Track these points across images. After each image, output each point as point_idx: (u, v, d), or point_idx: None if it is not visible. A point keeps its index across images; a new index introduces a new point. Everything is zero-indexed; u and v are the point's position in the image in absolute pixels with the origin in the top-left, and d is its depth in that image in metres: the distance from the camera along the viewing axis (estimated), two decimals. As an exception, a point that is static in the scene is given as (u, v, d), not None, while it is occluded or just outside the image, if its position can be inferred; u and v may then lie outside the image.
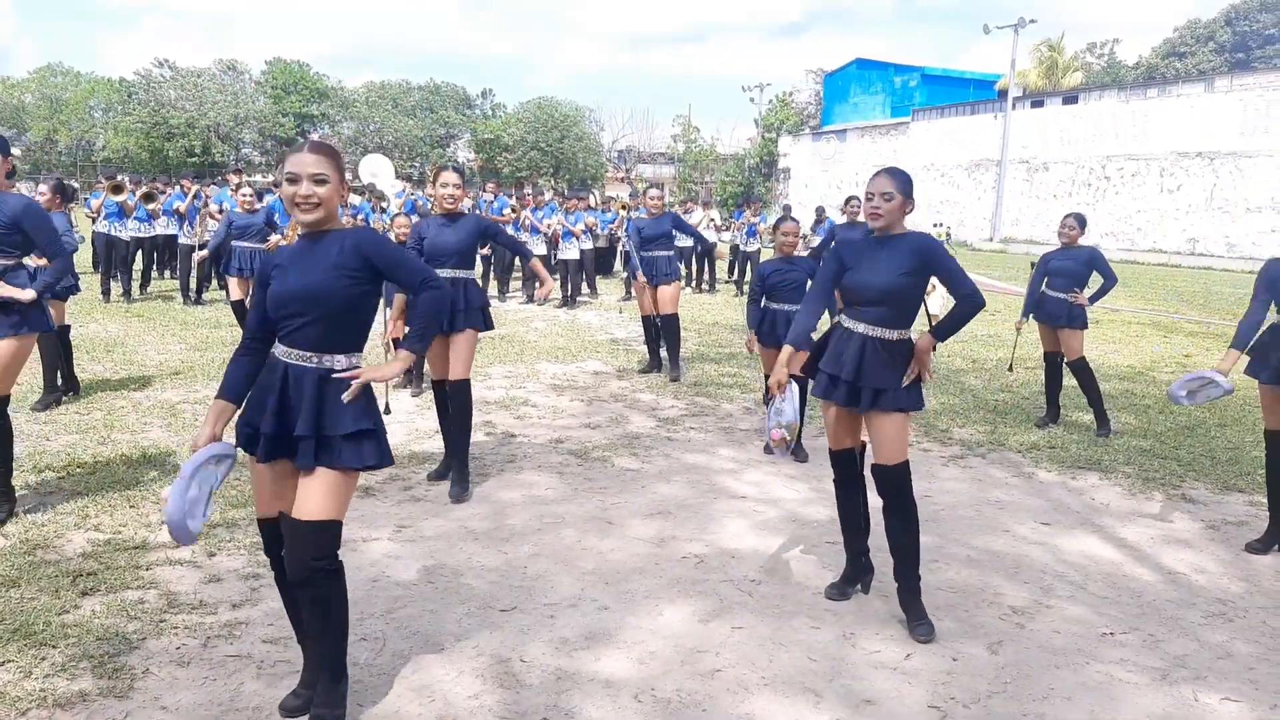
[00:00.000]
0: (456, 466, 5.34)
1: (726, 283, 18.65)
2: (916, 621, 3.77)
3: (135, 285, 13.87)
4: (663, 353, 9.32)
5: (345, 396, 2.88)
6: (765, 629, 3.79)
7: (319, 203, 2.88)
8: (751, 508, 5.31)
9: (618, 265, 19.76)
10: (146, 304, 13.17)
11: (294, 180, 2.86)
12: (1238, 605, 4.20)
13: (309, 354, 2.90)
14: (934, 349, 3.82)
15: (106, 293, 13.13)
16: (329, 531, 2.90)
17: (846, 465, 4.04)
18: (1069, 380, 7.57)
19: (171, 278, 15.71)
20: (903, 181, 3.78)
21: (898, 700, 3.27)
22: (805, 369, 4.04)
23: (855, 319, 3.81)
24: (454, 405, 5.36)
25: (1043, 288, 7.38)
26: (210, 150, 52.35)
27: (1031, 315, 7.46)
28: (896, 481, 3.79)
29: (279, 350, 2.93)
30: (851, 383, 3.75)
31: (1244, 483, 6.06)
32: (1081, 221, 7.43)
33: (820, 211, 19.73)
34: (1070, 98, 40.00)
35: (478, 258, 8.34)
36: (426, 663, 3.41)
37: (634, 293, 9.69)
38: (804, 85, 63.96)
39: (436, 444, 6.37)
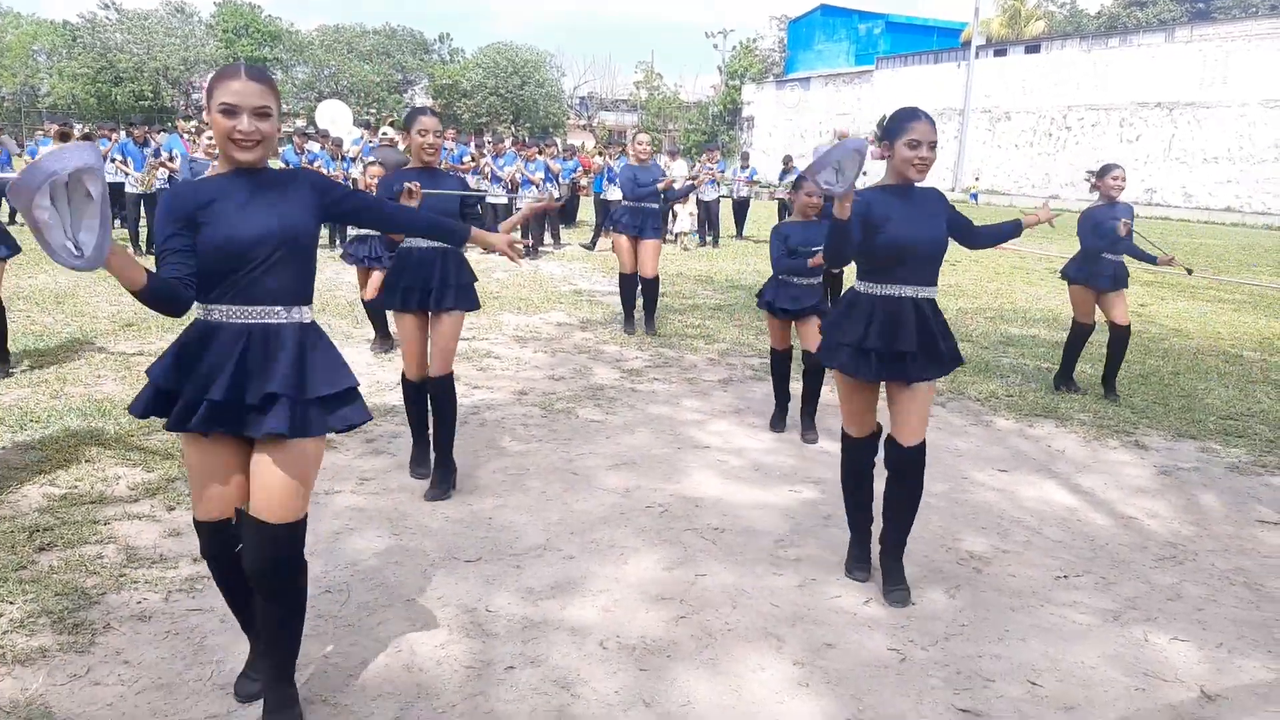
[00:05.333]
0: (440, 465, 4.63)
1: (691, 233, 18.57)
2: (896, 585, 3.67)
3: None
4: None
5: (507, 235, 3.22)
6: (728, 576, 3.83)
7: (261, 139, 2.47)
8: (716, 458, 5.35)
9: (581, 215, 19.60)
10: (98, 254, 12.86)
11: (231, 112, 2.42)
12: (1187, 548, 4.32)
13: (278, 307, 2.51)
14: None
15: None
16: (301, 526, 2.59)
17: (872, 449, 3.78)
18: (1021, 329, 7.64)
19: (121, 227, 15.35)
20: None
21: (858, 644, 3.34)
22: (820, 354, 3.71)
23: (902, 281, 3.49)
24: (437, 402, 4.61)
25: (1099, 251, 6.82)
26: (160, 95, 50.93)
27: (1089, 281, 6.88)
28: (924, 453, 3.62)
29: (228, 311, 2.49)
30: (912, 353, 3.47)
31: (1195, 429, 6.19)
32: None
33: (788, 160, 19.67)
34: (1032, 47, 40.06)
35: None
36: (392, 614, 3.42)
37: (613, 248, 8.98)
38: (768, 32, 63.52)
39: (398, 395, 6.32)
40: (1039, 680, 3.14)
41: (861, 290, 3.57)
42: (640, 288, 8.73)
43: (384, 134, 13.26)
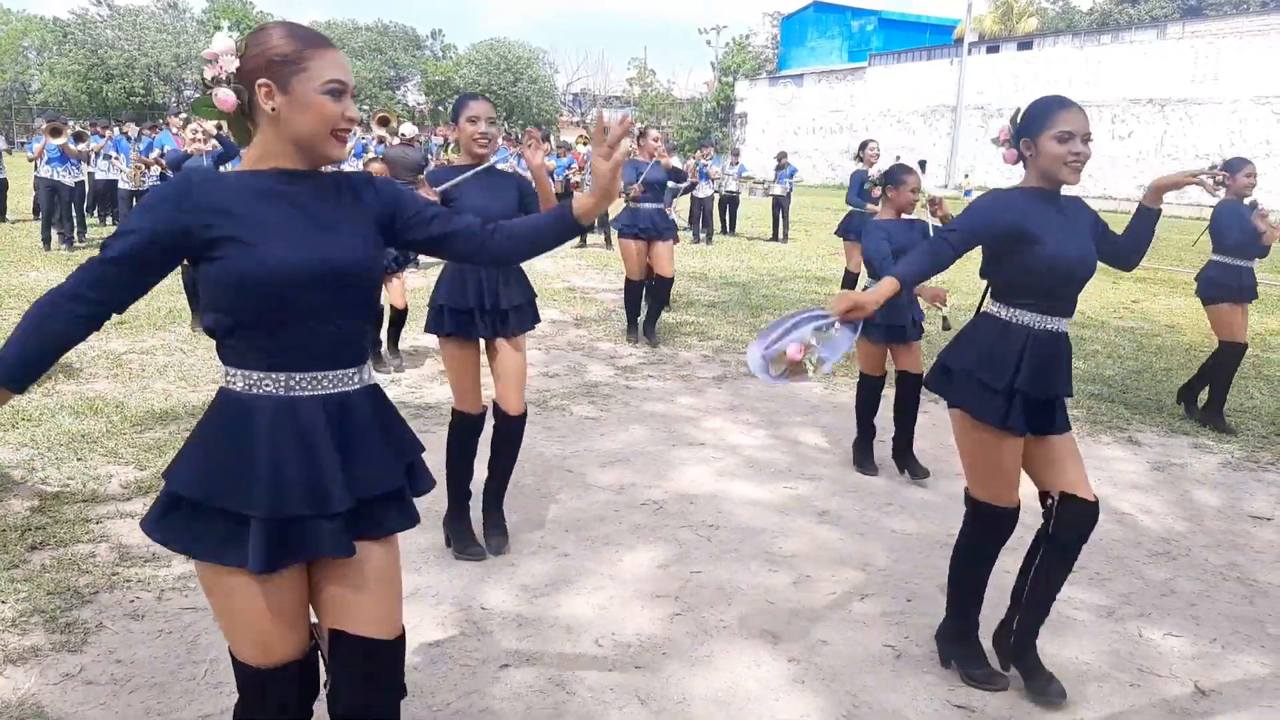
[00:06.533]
0: (492, 511, 4.08)
1: (684, 229, 18.58)
2: (1048, 677, 3.00)
3: (75, 232, 13.49)
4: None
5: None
6: (723, 573, 3.83)
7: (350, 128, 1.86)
8: (710, 454, 5.35)
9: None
10: (88, 251, 12.80)
11: (340, 93, 1.80)
12: (1181, 544, 4.33)
13: (352, 370, 1.86)
14: None
15: (47, 240, 12.74)
16: (404, 641, 1.99)
17: (1014, 523, 3.06)
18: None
19: (113, 223, 15.30)
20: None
21: (853, 640, 3.34)
22: (936, 386, 3.03)
23: (1056, 313, 2.86)
24: (504, 442, 3.99)
25: (1228, 258, 6.06)
26: (151, 92, 50.75)
27: (1232, 295, 6.10)
28: (1093, 520, 2.94)
29: (287, 381, 1.79)
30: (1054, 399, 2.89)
31: (1188, 426, 6.21)
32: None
33: (782, 157, 19.66)
34: (1025, 44, 40.13)
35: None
36: (386, 612, 3.40)
37: (619, 251, 8.45)
38: (761, 28, 63.48)
39: (393, 393, 6.31)
40: (1034, 676, 3.14)
41: (1010, 319, 2.87)
42: (651, 289, 8.19)
43: (404, 133, 12.96)
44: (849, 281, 9.66)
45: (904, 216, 4.99)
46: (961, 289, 12.10)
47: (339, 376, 1.84)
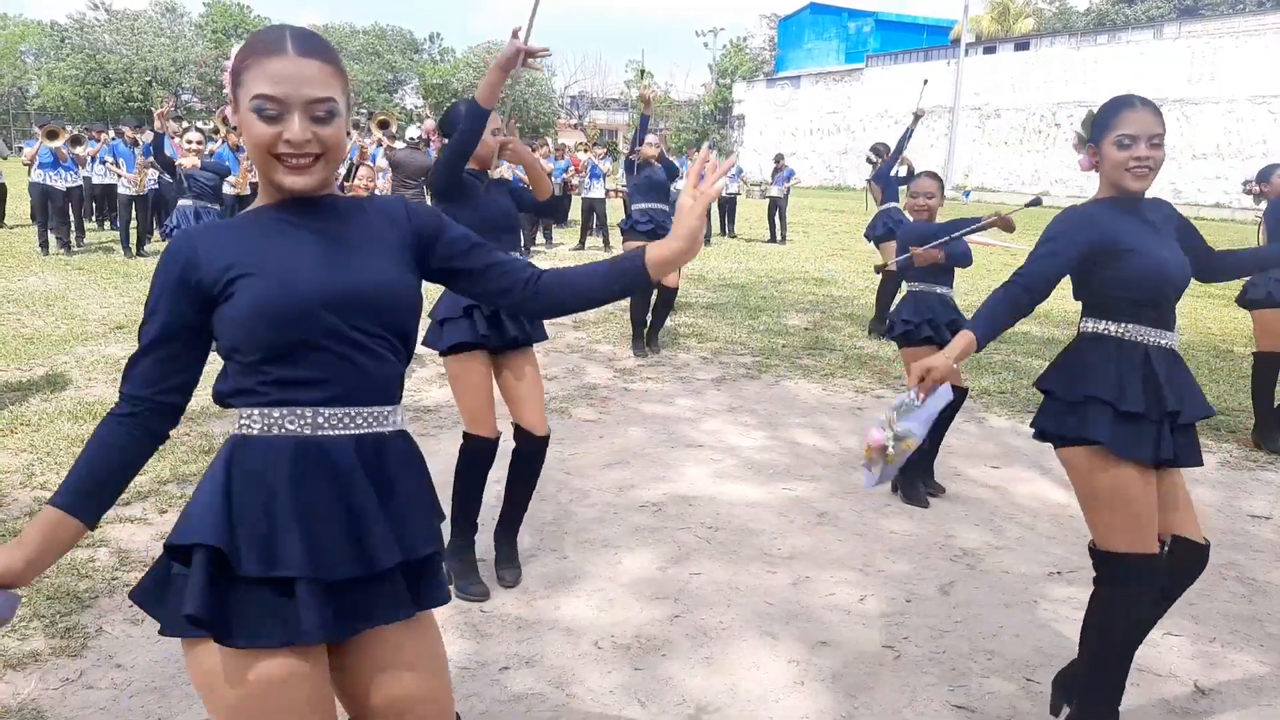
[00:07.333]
0: (506, 542, 3.81)
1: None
2: None
3: (73, 237, 13.49)
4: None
5: None
6: (722, 574, 3.83)
7: (321, 154, 1.54)
8: (709, 456, 5.35)
9: (573, 215, 19.60)
10: (86, 256, 12.81)
11: (275, 114, 1.50)
12: (1179, 543, 4.33)
13: (387, 408, 1.61)
14: None
15: (45, 245, 12.73)
16: None
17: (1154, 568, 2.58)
18: (1012, 326, 7.56)
19: (112, 228, 15.29)
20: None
21: (853, 641, 3.34)
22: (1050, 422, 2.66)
23: (1163, 326, 2.62)
24: (526, 466, 3.76)
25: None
26: (149, 96, 50.75)
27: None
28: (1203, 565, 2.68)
29: (315, 418, 1.54)
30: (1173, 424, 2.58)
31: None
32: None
33: (780, 159, 19.69)
34: (1022, 44, 40.18)
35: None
36: (386, 615, 3.40)
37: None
38: (758, 30, 63.54)
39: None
40: (1033, 676, 3.15)
41: (1122, 335, 2.61)
42: (657, 298, 7.82)
43: (411, 137, 13.00)
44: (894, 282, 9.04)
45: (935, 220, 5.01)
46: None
47: (378, 413, 1.59)
